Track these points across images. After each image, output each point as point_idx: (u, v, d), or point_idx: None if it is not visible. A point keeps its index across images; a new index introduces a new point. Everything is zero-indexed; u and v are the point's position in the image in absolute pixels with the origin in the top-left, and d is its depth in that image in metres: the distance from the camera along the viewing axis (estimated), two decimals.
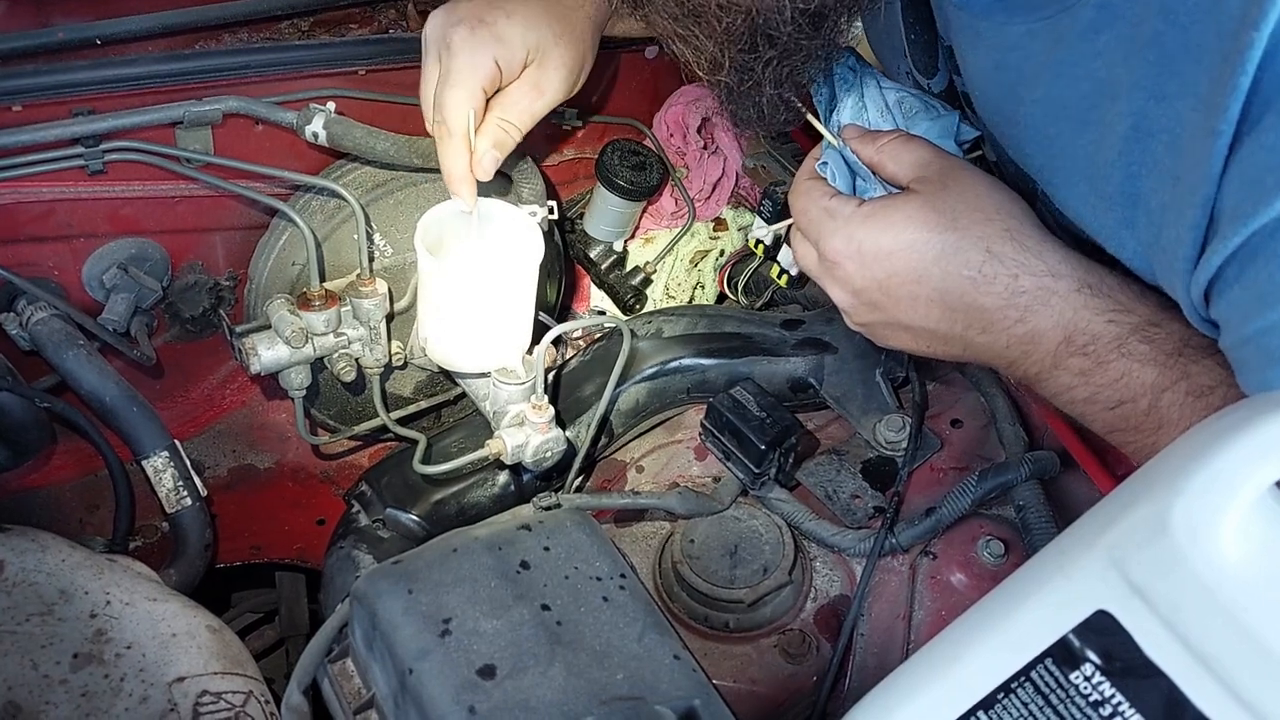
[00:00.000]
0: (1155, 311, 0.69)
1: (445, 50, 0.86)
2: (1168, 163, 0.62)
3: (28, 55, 0.93)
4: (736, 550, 0.85)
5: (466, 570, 0.72)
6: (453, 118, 0.86)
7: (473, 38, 0.85)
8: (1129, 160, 0.65)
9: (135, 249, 1.02)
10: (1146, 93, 0.62)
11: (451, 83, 0.86)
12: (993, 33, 0.72)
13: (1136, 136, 0.63)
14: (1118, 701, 0.43)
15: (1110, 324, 0.69)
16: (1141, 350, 0.68)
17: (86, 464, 1.05)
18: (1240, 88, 0.54)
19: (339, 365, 0.98)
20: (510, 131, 0.89)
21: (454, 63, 0.86)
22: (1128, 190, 0.66)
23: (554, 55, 0.89)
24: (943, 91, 0.85)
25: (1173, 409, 0.67)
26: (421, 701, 0.65)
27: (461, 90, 0.86)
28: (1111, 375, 0.69)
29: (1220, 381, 0.66)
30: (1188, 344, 0.67)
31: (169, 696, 0.73)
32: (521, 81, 0.89)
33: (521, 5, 0.88)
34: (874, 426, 0.93)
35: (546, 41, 0.88)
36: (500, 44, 0.86)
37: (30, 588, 0.76)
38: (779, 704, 0.80)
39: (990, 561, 0.84)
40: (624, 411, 1.00)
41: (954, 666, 0.49)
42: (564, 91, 0.92)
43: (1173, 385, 0.67)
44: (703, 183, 1.19)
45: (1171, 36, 0.59)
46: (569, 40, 0.90)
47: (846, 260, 0.74)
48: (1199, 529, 0.42)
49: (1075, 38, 0.66)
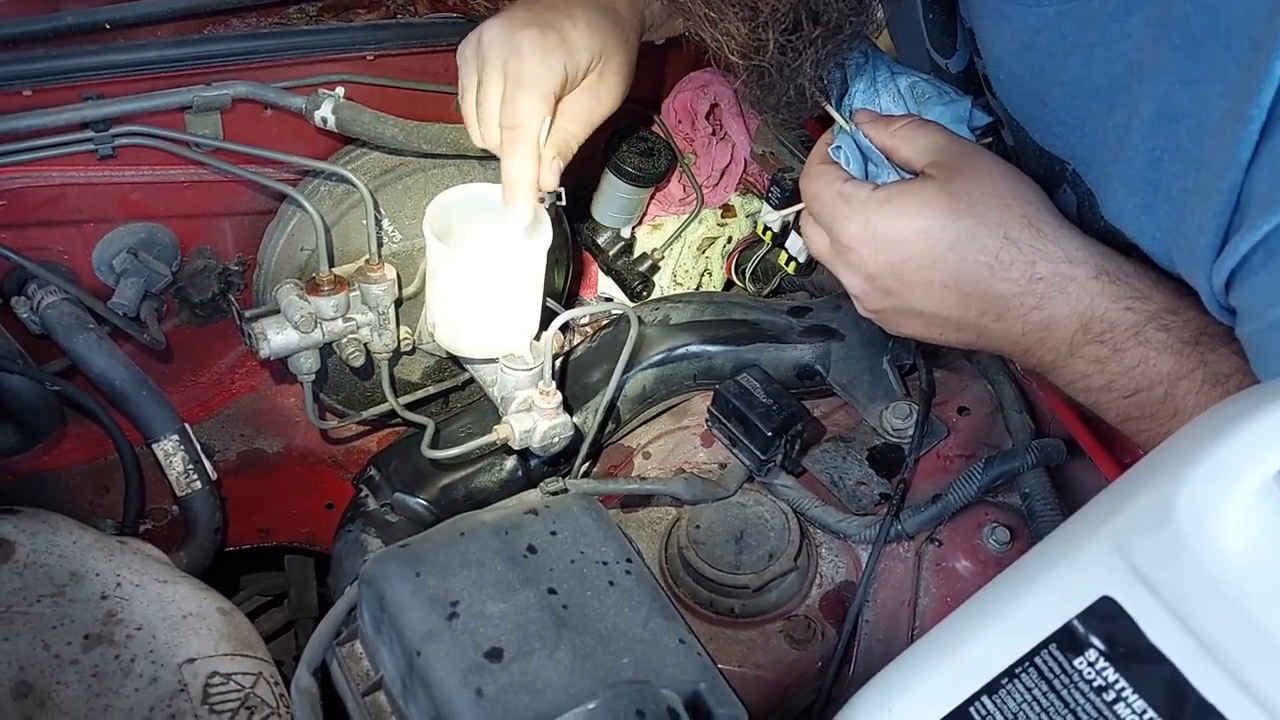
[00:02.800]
0: (1172, 299, 0.69)
1: (514, 55, 0.83)
2: (1191, 149, 0.62)
3: (37, 39, 0.94)
4: (742, 536, 0.85)
5: (474, 554, 0.73)
6: (529, 121, 0.83)
7: (544, 41, 0.83)
8: (1151, 145, 0.64)
9: (145, 234, 1.02)
10: (1172, 76, 0.61)
11: (525, 85, 0.83)
12: (1021, 15, 0.71)
13: (1160, 121, 0.63)
14: (1121, 687, 0.44)
15: (1127, 311, 0.68)
16: (1158, 338, 0.67)
17: (97, 447, 1.06)
18: (1274, 74, 0.54)
19: (348, 350, 0.98)
20: (571, 142, 0.88)
21: (525, 66, 0.83)
22: (1149, 176, 0.65)
23: (614, 64, 0.88)
24: (961, 72, 0.84)
25: (1188, 397, 0.66)
26: (429, 683, 0.65)
27: (536, 93, 0.83)
28: (1128, 363, 0.68)
29: (1236, 370, 0.66)
30: (1204, 332, 0.67)
31: (179, 677, 0.74)
32: (583, 89, 0.88)
33: (584, 12, 0.86)
34: (880, 413, 0.93)
35: (609, 50, 0.87)
36: (568, 50, 0.84)
37: (42, 569, 0.77)
38: (784, 689, 0.80)
39: (995, 548, 0.84)
40: (631, 398, 1.00)
41: (958, 652, 0.49)
42: (617, 100, 0.91)
43: (1189, 374, 0.66)
44: (711, 169, 1.18)
45: (1199, 20, 0.59)
46: (624, 50, 0.89)
47: (861, 245, 0.74)
48: (1203, 516, 0.42)
49: (1107, 18, 0.65)
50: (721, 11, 0.68)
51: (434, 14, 1.07)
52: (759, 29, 0.68)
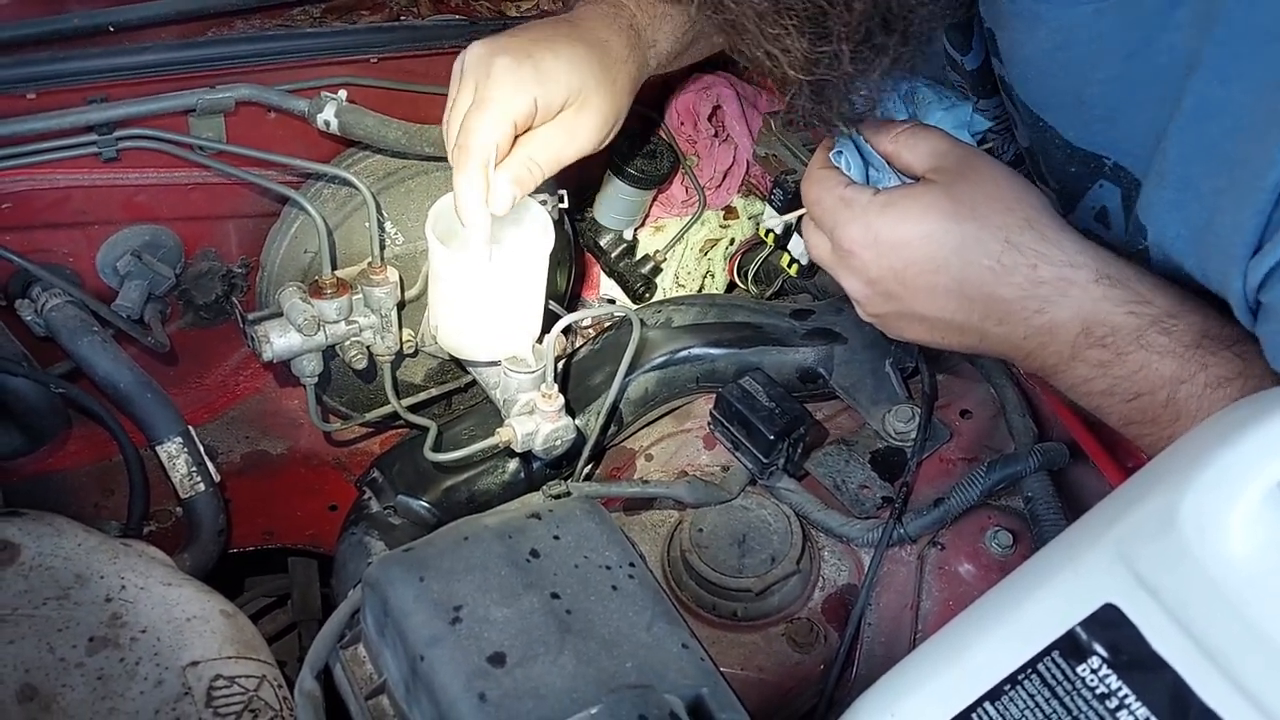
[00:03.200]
0: (1173, 304, 0.68)
1: (485, 78, 0.83)
2: (1226, 148, 0.61)
3: (41, 42, 0.94)
4: (745, 539, 0.85)
5: (477, 558, 0.73)
6: (475, 144, 0.82)
7: (516, 69, 0.82)
8: (1184, 141, 0.64)
9: (149, 236, 1.02)
10: (1212, 73, 0.61)
11: (483, 109, 0.82)
12: (1055, 14, 0.70)
13: (1196, 118, 0.63)
14: (1124, 694, 0.44)
15: (1130, 315, 0.68)
16: (1160, 342, 0.67)
17: (101, 449, 1.06)
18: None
19: (350, 353, 0.98)
20: (534, 171, 0.86)
21: (491, 91, 0.82)
22: (1179, 172, 0.65)
23: (593, 103, 0.87)
24: (975, 70, 0.84)
25: (1190, 401, 0.66)
26: (433, 688, 0.66)
27: (490, 118, 0.82)
28: (1130, 367, 0.68)
29: (1238, 374, 0.66)
30: (1205, 335, 0.67)
31: (183, 680, 0.74)
32: (556, 124, 0.86)
33: (569, 47, 0.85)
34: (883, 417, 0.93)
35: (589, 88, 0.86)
36: (541, 82, 0.83)
37: (46, 572, 0.77)
38: (786, 692, 0.80)
39: (998, 552, 0.84)
40: (633, 400, 1.00)
41: (961, 657, 0.49)
42: (595, 143, 0.89)
43: (1191, 378, 0.66)
44: (713, 171, 1.18)
45: (1240, 15, 0.59)
46: (608, 91, 0.88)
47: (863, 250, 0.74)
48: (1207, 524, 0.42)
49: (1151, 12, 0.65)
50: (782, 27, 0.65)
51: (437, 16, 1.07)
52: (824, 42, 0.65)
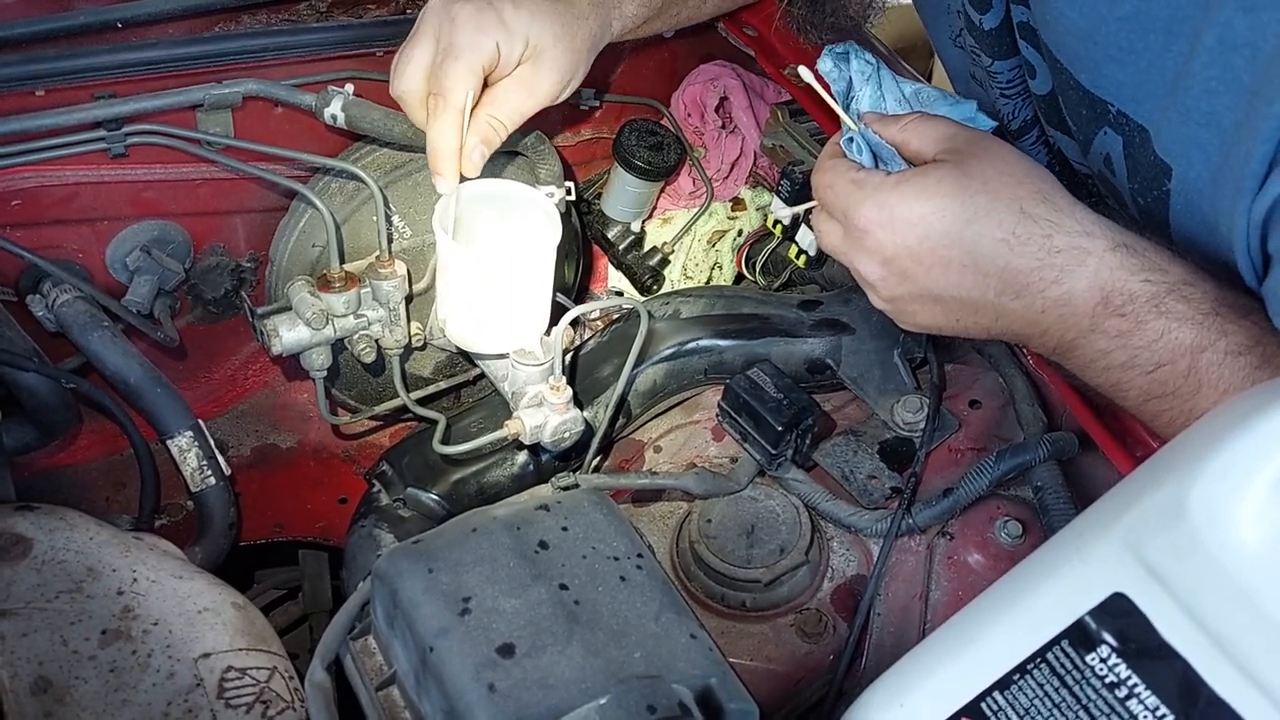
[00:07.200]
0: (1188, 272, 0.68)
1: (448, 23, 0.85)
2: (1245, 78, 0.61)
3: (49, 39, 0.94)
4: (753, 530, 0.85)
5: (486, 550, 0.73)
6: (454, 89, 0.85)
7: (479, 16, 0.85)
8: (1208, 75, 0.64)
9: (158, 231, 1.03)
10: (1236, 3, 0.61)
11: (454, 55, 0.85)
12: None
13: (1220, 49, 0.63)
14: (1133, 683, 0.44)
15: (1146, 283, 0.68)
16: (1179, 309, 0.67)
17: (112, 444, 1.07)
18: None
19: (359, 346, 0.99)
20: (498, 129, 0.89)
21: (457, 37, 0.85)
22: (1203, 108, 0.65)
23: (550, 56, 0.89)
24: (994, 29, 0.83)
25: (1211, 369, 0.66)
26: (442, 679, 0.66)
27: (463, 64, 0.85)
28: (1150, 336, 0.68)
29: (1257, 341, 0.65)
30: (1222, 303, 0.67)
31: (195, 672, 0.74)
32: (514, 79, 0.89)
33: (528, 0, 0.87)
34: (891, 407, 0.93)
35: (546, 40, 0.88)
36: (503, 29, 0.85)
37: (59, 565, 0.78)
38: (795, 682, 0.80)
39: (1008, 542, 0.84)
40: (642, 392, 1.00)
41: (970, 647, 0.49)
42: (552, 95, 0.91)
43: (1211, 345, 0.66)
44: (720, 162, 1.18)
45: None
46: (567, 45, 0.89)
47: (878, 228, 0.73)
48: (1216, 513, 0.42)
49: None
50: None
51: None
52: None
